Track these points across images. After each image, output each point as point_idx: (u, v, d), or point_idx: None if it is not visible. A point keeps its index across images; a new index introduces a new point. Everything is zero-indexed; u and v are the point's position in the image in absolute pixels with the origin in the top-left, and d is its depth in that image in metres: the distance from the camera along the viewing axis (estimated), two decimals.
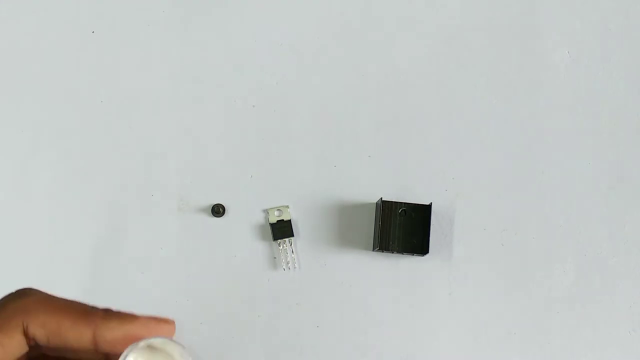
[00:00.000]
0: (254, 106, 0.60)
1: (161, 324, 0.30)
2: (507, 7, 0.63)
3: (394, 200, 0.56)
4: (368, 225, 0.58)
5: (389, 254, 0.57)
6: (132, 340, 0.29)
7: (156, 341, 0.29)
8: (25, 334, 0.29)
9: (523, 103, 0.61)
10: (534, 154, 0.60)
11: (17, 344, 0.29)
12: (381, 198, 0.56)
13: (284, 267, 0.57)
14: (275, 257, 0.57)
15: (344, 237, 0.58)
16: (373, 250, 0.57)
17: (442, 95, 0.61)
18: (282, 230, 0.57)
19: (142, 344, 0.29)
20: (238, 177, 0.59)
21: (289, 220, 0.57)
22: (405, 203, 0.56)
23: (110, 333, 0.29)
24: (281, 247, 0.57)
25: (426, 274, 0.57)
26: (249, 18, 0.62)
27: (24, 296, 0.30)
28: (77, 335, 0.29)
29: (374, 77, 0.61)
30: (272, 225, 0.57)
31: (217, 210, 0.58)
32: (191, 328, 0.56)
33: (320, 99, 0.61)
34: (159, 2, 0.62)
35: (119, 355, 0.30)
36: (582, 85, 0.62)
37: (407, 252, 0.56)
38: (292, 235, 0.57)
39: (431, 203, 0.56)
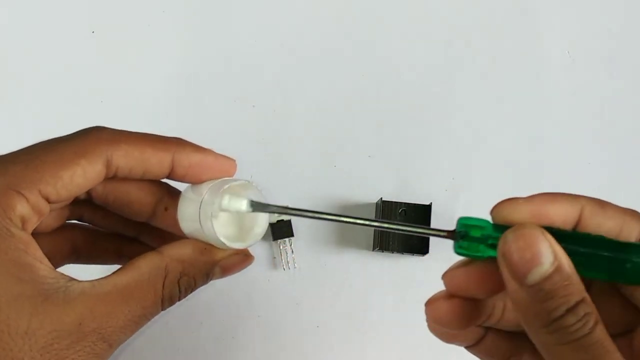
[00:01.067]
0: (254, 106, 0.60)
1: (229, 160, 0.32)
2: (507, 6, 0.63)
3: (394, 200, 0.56)
4: None
5: (389, 254, 0.57)
6: (206, 167, 0.31)
7: (238, 184, 0.31)
8: (107, 165, 0.29)
9: (523, 103, 0.61)
10: (533, 154, 0.60)
11: (97, 173, 0.29)
12: (381, 198, 0.56)
13: (284, 267, 0.57)
14: (275, 257, 0.57)
15: (344, 237, 0.58)
16: (373, 250, 0.57)
17: (442, 95, 0.61)
18: (282, 230, 0.57)
19: (226, 186, 0.30)
20: (238, 177, 0.59)
21: (289, 220, 0.57)
22: (405, 203, 0.56)
23: (187, 158, 0.31)
24: (281, 247, 0.57)
25: (426, 274, 0.57)
26: (249, 18, 0.62)
27: (104, 129, 0.30)
28: (159, 161, 0.30)
29: (374, 77, 0.61)
30: (272, 225, 0.57)
31: None
32: (191, 328, 0.56)
33: (320, 99, 0.61)
34: (159, 2, 0.62)
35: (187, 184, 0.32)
36: (582, 85, 0.62)
37: (407, 252, 0.56)
38: (292, 235, 0.57)
39: (431, 203, 0.56)
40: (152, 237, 0.35)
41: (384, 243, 0.55)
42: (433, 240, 0.56)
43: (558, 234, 0.27)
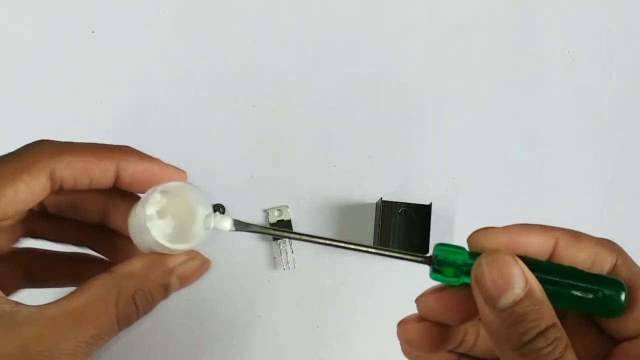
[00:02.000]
0: (254, 106, 0.60)
1: (177, 170, 0.32)
2: (507, 7, 0.63)
3: (394, 200, 0.56)
4: (368, 225, 0.58)
5: None
6: (152, 176, 0.31)
7: (174, 185, 0.30)
8: (52, 177, 0.29)
9: (523, 103, 0.61)
10: (533, 154, 0.60)
11: (41, 187, 0.29)
12: (381, 198, 0.56)
13: (284, 267, 0.57)
14: (275, 257, 0.57)
15: (344, 237, 0.58)
16: None
17: (442, 95, 0.61)
18: None
19: (160, 187, 0.30)
20: (238, 177, 0.59)
21: (289, 220, 0.57)
22: (405, 203, 0.56)
23: (132, 167, 0.31)
24: (281, 247, 0.57)
25: (426, 274, 0.57)
26: (249, 18, 0.62)
27: (46, 142, 0.30)
28: (102, 170, 0.30)
29: (374, 77, 0.61)
30: (272, 225, 0.57)
31: (217, 210, 0.58)
32: (191, 328, 0.56)
33: (320, 100, 0.61)
34: (159, 2, 0.62)
35: (130, 196, 0.32)
36: (582, 85, 0.62)
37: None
38: None
39: (431, 203, 0.56)
40: (107, 246, 0.35)
41: (384, 243, 0.55)
42: (433, 241, 0.56)
43: (531, 263, 0.27)
